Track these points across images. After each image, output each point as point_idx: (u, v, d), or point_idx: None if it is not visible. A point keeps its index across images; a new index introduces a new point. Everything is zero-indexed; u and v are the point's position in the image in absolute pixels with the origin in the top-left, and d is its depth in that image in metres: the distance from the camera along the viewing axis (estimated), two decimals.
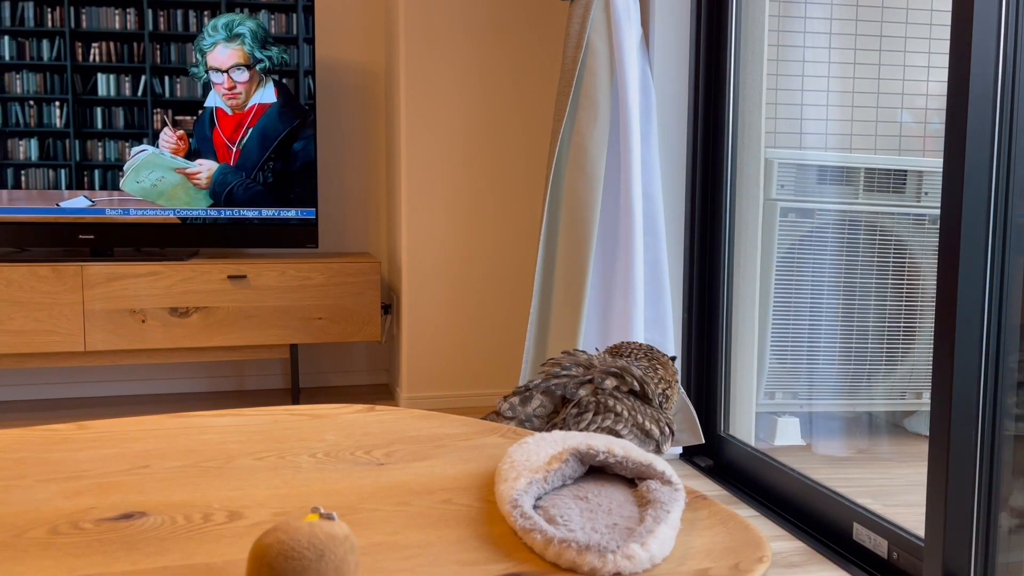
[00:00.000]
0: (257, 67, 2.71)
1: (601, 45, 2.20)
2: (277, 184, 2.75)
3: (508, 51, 2.84)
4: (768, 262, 2.36)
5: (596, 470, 0.99)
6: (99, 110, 2.65)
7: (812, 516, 1.87)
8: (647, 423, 1.43)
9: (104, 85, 2.65)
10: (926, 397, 2.41)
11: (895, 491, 2.11)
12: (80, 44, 2.62)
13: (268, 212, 2.75)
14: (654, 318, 2.24)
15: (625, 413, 1.41)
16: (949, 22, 1.44)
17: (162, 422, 1.19)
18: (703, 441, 2.24)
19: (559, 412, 1.43)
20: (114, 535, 0.83)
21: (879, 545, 1.66)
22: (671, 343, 2.24)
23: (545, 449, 0.98)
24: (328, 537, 0.66)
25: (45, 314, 2.56)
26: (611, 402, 1.41)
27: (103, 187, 2.67)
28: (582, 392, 1.41)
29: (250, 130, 2.72)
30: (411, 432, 1.16)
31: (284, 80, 2.72)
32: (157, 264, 2.63)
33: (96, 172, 2.66)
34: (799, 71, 2.49)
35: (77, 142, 2.65)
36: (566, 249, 2.28)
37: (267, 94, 2.72)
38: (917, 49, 2.49)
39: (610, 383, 1.42)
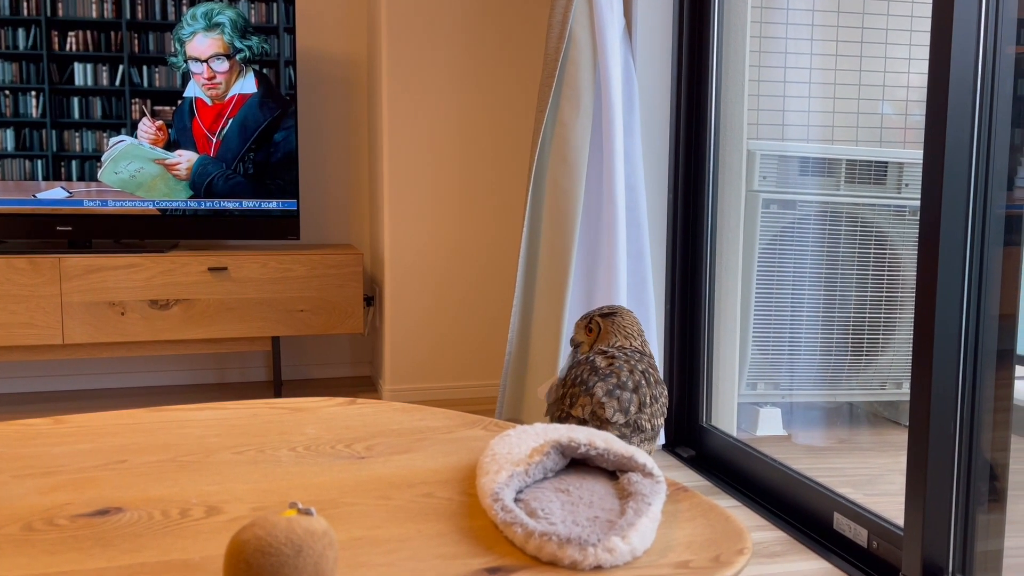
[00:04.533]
0: (237, 57, 2.68)
1: (584, 36, 2.19)
2: (258, 175, 2.73)
3: (491, 42, 2.82)
4: (750, 253, 2.36)
5: (578, 463, 0.99)
6: (76, 100, 2.62)
7: (793, 506, 1.88)
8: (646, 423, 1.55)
9: (81, 74, 2.61)
10: (906, 387, 2.43)
11: (875, 480, 2.13)
12: (56, 33, 2.58)
13: (249, 203, 2.73)
14: (636, 309, 2.24)
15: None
16: (930, 14, 1.44)
17: (140, 416, 1.18)
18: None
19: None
20: (89, 531, 0.82)
21: (859, 534, 1.67)
22: (653, 334, 2.25)
23: (527, 442, 0.97)
24: (306, 532, 0.65)
25: (22, 307, 2.53)
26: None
27: (81, 178, 2.64)
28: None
29: (230, 120, 2.70)
30: (392, 425, 1.16)
31: (264, 70, 2.70)
32: (136, 256, 2.60)
33: (73, 163, 2.63)
34: (781, 63, 2.50)
35: (54, 132, 2.61)
36: (549, 240, 2.28)
37: (247, 84, 2.70)
38: (898, 41, 2.50)
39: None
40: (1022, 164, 1.50)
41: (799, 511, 1.86)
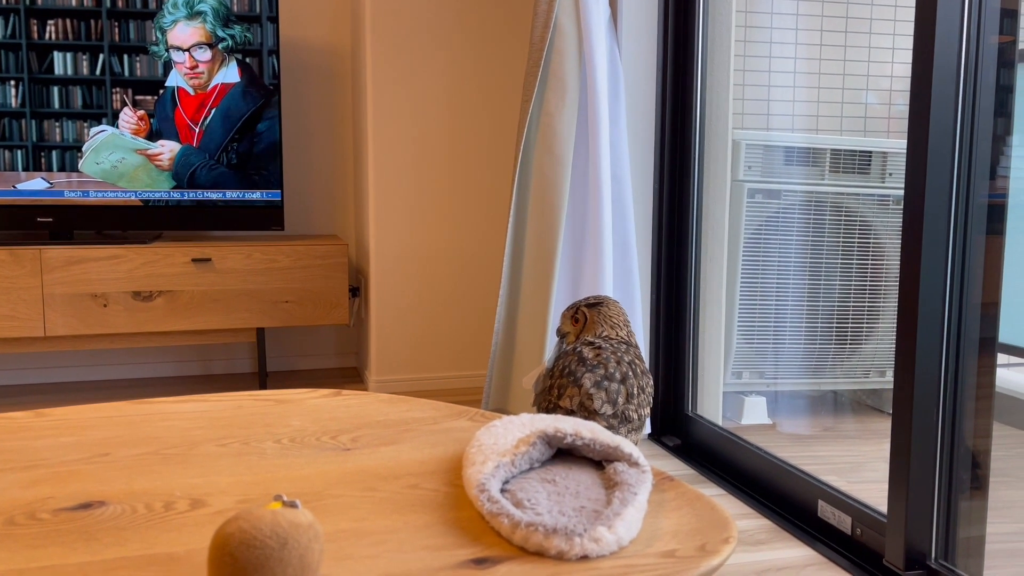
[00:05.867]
0: (219, 46, 2.65)
1: (569, 25, 2.18)
2: (241, 165, 2.71)
3: (476, 32, 2.81)
4: (735, 243, 2.37)
5: (564, 453, 0.99)
6: (56, 89, 2.59)
7: (778, 494, 1.90)
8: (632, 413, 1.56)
9: (61, 64, 2.58)
10: (889, 375, 2.45)
11: (859, 468, 2.14)
12: (36, 21, 2.55)
13: (232, 194, 2.71)
14: (622, 299, 2.24)
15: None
16: (913, 4, 1.44)
17: (123, 409, 1.17)
18: None
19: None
20: (72, 525, 0.81)
21: (843, 522, 1.68)
22: (639, 324, 2.25)
23: (513, 432, 0.97)
24: (291, 525, 0.65)
25: (3, 299, 2.51)
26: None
27: (61, 169, 2.61)
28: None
29: (213, 110, 2.67)
30: (378, 416, 1.15)
31: (247, 59, 2.67)
32: (119, 247, 2.58)
33: (54, 153, 2.60)
34: (766, 52, 2.50)
35: (34, 122, 2.58)
36: (535, 231, 2.27)
37: (230, 73, 2.67)
38: (882, 31, 2.51)
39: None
40: (1004, 153, 1.51)
41: (784, 499, 1.87)
